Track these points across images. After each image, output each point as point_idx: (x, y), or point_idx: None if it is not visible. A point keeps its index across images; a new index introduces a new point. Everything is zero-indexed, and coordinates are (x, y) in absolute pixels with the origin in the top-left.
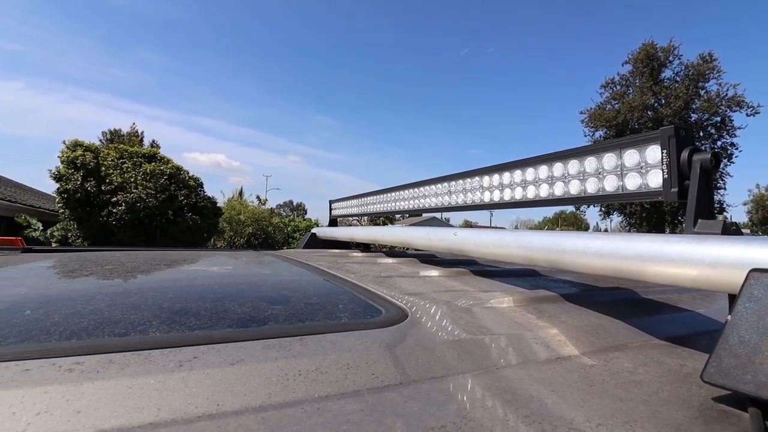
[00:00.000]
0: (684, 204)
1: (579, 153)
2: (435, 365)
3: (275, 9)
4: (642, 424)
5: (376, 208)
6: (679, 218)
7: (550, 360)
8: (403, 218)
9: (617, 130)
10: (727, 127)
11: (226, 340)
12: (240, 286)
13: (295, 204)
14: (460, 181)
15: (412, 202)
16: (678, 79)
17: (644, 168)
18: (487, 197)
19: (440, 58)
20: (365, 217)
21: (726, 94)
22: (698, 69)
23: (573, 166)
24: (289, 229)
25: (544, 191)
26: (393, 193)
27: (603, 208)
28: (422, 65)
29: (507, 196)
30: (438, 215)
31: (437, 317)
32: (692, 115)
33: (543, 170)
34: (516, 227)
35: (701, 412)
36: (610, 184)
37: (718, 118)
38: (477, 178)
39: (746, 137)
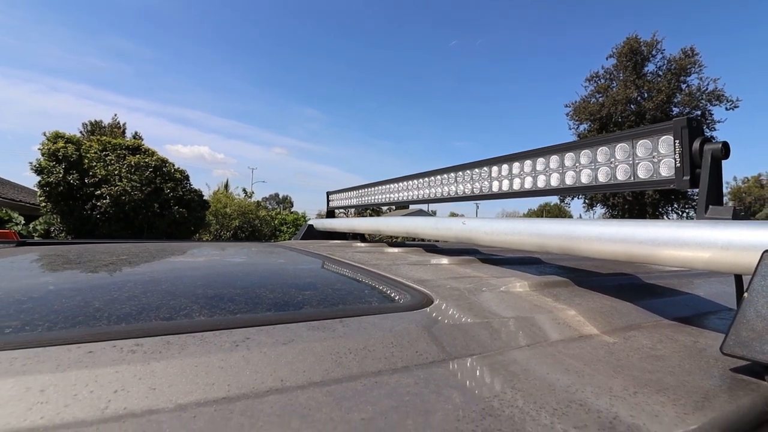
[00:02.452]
0: (664, 195)
1: (591, 143)
2: (471, 343)
3: None
4: (674, 391)
5: (377, 199)
6: (660, 209)
7: (574, 338)
8: (390, 210)
9: (601, 123)
10: (707, 121)
11: (272, 323)
12: (264, 273)
13: (281, 197)
14: (469, 171)
15: (415, 192)
16: (660, 73)
17: (656, 157)
18: (496, 186)
19: (427, 49)
20: (351, 210)
21: (706, 88)
22: (680, 63)
23: (585, 156)
24: (276, 222)
25: (555, 180)
26: (395, 184)
27: (587, 200)
28: (409, 56)
29: (517, 185)
30: (424, 207)
31: (461, 301)
32: (674, 108)
33: (554, 160)
34: (502, 218)
35: (723, 381)
36: (622, 173)
37: (699, 112)
38: (486, 168)
39: (725, 131)
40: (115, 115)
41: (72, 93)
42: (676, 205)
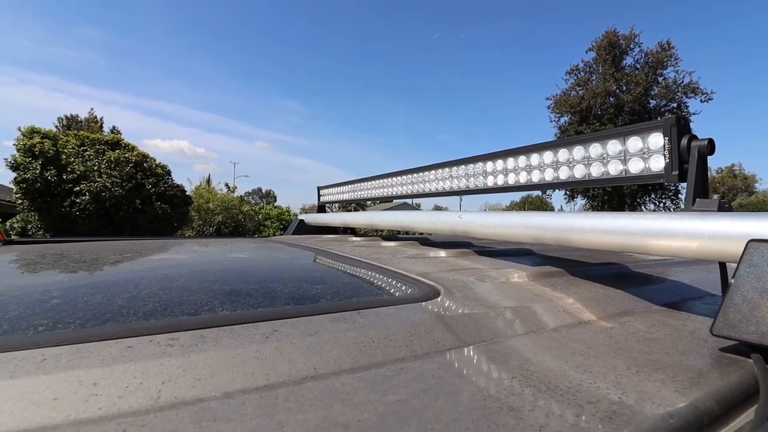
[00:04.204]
0: (642, 187)
1: (583, 140)
2: (482, 331)
3: None
4: (672, 369)
5: (370, 194)
6: (638, 200)
7: (575, 324)
8: (374, 204)
9: (581, 116)
10: (683, 113)
11: (295, 315)
12: (274, 268)
13: (264, 191)
14: (464, 167)
15: (408, 187)
16: (638, 66)
17: (647, 153)
18: (491, 181)
19: (410, 42)
20: (335, 205)
21: (682, 81)
22: (657, 56)
23: (578, 151)
24: (260, 216)
25: (548, 175)
26: (389, 179)
27: (568, 192)
28: (392, 49)
29: (512, 180)
30: (409, 201)
31: (466, 291)
32: (651, 101)
33: (548, 156)
34: (485, 210)
35: (714, 360)
36: (614, 168)
37: (675, 105)
38: (480, 164)
39: (699, 122)
40: (92, 109)
41: (42, 85)
42: (653, 196)
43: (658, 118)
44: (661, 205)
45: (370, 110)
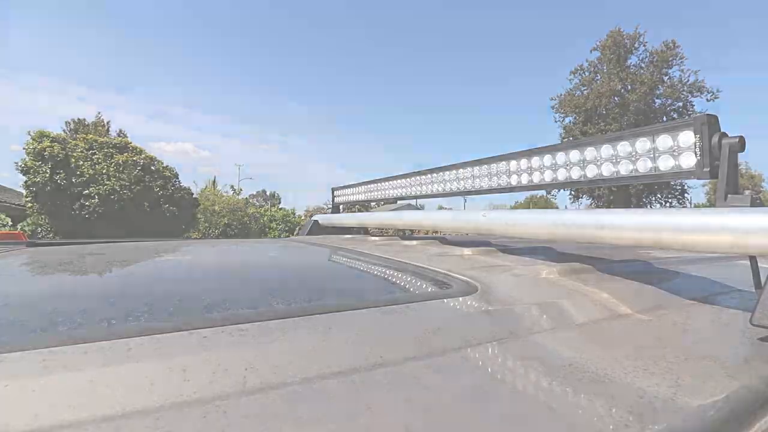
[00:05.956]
0: (647, 186)
1: (612, 139)
2: (526, 323)
3: None
4: (716, 358)
5: (385, 194)
6: (644, 200)
7: (613, 317)
8: (378, 205)
9: (586, 115)
10: (689, 113)
11: (348, 308)
12: (311, 266)
13: (268, 193)
14: (486, 166)
15: (427, 186)
16: (643, 65)
17: (677, 151)
18: (515, 180)
19: (413, 42)
20: (340, 206)
21: (687, 80)
22: (662, 56)
23: (605, 150)
24: (265, 218)
25: (575, 173)
26: (405, 179)
27: (573, 192)
28: (394, 49)
29: (536, 178)
30: (413, 201)
31: (503, 287)
32: (656, 100)
33: (574, 154)
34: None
35: (755, 349)
36: (643, 166)
37: (680, 104)
38: (504, 163)
39: None
40: (99, 112)
41: (46, 87)
42: (659, 196)
43: (688, 117)
44: (668, 204)
45: (373, 109)
